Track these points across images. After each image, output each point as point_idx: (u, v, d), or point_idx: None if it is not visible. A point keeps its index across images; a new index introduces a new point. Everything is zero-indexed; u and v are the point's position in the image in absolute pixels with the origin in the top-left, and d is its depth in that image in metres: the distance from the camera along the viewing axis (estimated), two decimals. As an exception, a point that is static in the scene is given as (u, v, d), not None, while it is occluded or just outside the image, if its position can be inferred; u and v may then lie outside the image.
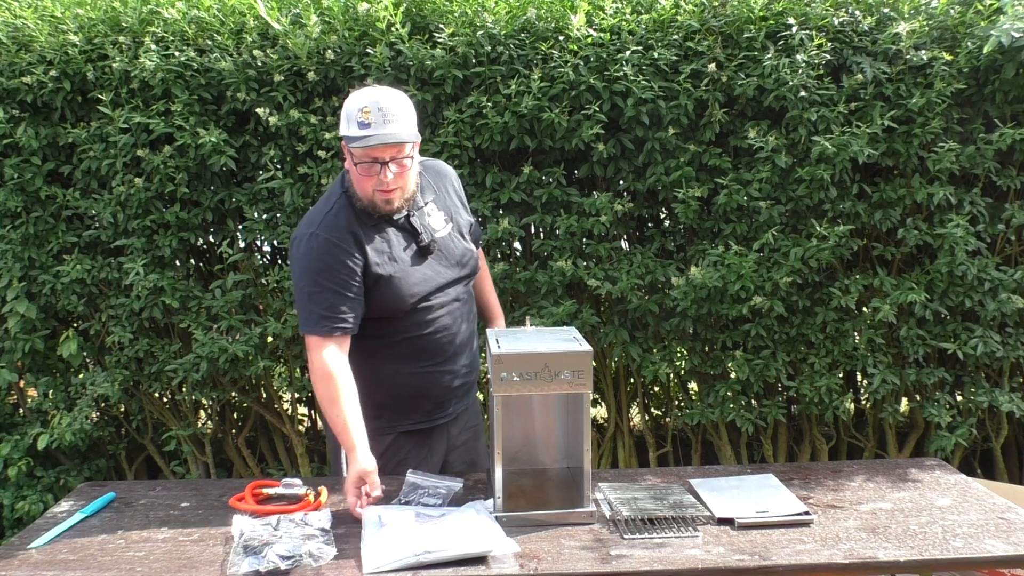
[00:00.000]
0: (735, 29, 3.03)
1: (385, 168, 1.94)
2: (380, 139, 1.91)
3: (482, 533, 1.67)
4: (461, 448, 2.26)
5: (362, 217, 2.03)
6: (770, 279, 3.01)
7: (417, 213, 2.09)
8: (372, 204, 2.00)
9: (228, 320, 3.21)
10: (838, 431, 3.53)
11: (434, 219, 2.13)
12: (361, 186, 1.99)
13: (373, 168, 1.94)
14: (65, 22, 3.17)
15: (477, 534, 1.66)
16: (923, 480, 1.99)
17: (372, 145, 1.91)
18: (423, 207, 2.12)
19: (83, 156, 3.18)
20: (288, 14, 3.10)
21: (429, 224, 2.11)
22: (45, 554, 1.68)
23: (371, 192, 1.98)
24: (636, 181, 3.14)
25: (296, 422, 3.69)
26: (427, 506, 1.86)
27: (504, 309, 3.27)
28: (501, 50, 3.03)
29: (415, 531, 1.68)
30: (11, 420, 3.57)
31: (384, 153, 1.93)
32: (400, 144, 1.94)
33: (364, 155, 1.94)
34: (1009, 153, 3.04)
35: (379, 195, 1.98)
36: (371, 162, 1.94)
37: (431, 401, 2.16)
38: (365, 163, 1.94)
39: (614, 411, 3.53)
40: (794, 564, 1.56)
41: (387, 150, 1.93)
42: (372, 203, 2.00)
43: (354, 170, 1.98)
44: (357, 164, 1.96)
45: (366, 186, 1.98)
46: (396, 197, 1.99)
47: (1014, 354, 3.08)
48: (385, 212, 2.01)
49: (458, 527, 1.70)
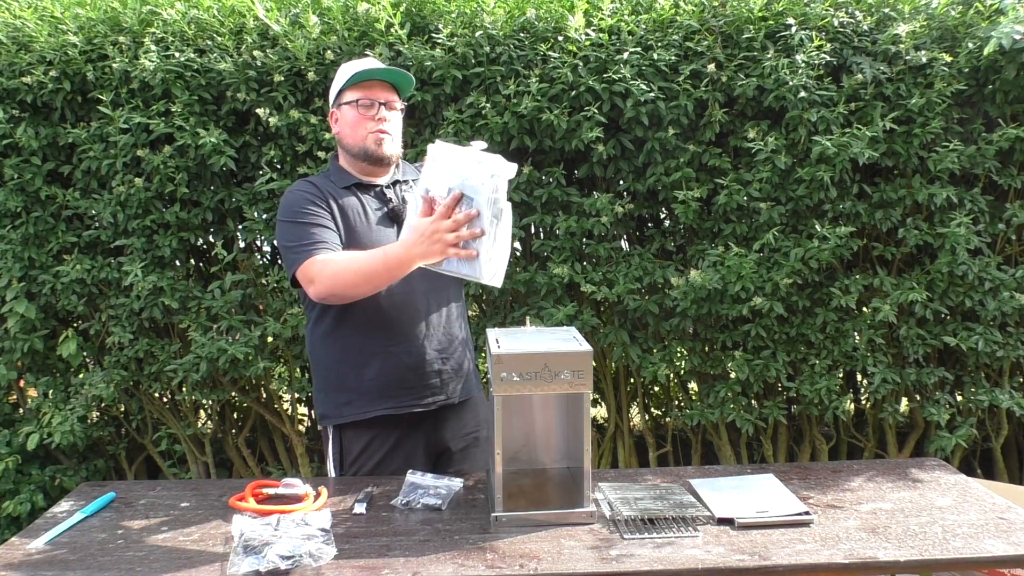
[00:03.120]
0: (735, 29, 3.03)
1: (381, 108, 2.07)
2: (382, 69, 2.09)
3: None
4: (458, 454, 2.20)
5: (336, 180, 2.11)
6: (770, 279, 3.01)
7: (394, 186, 2.16)
8: (364, 151, 2.08)
9: (228, 320, 3.21)
10: (838, 431, 3.53)
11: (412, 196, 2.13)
12: (355, 132, 2.08)
13: (371, 108, 2.06)
14: (65, 22, 3.17)
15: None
16: (923, 480, 1.99)
17: (374, 74, 2.07)
18: (403, 182, 2.18)
19: (83, 156, 3.18)
20: (288, 15, 3.11)
21: (404, 197, 2.14)
22: (45, 554, 1.68)
23: (365, 136, 2.07)
24: (636, 181, 3.14)
25: (296, 422, 3.69)
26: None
27: (504, 309, 3.28)
28: (500, 50, 3.03)
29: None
30: (10, 419, 3.57)
31: (381, 94, 2.08)
32: (396, 89, 2.11)
33: (363, 95, 2.06)
34: (1010, 153, 3.04)
35: (372, 137, 2.07)
36: (369, 103, 2.06)
37: (397, 384, 2.08)
38: (364, 103, 2.06)
39: (614, 411, 3.53)
40: (794, 564, 1.55)
41: (384, 91, 2.09)
42: (364, 149, 2.08)
43: (349, 117, 2.08)
44: (358, 102, 2.06)
45: (361, 130, 2.07)
46: (387, 141, 2.08)
47: (1014, 353, 3.08)
48: (376, 154, 2.08)
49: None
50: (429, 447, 2.17)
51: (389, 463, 2.11)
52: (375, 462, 2.11)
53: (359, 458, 2.12)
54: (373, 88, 2.08)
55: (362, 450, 2.11)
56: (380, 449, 2.11)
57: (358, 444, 2.11)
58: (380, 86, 2.10)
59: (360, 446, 2.11)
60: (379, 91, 2.09)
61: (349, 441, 2.13)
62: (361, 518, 1.82)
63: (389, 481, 2.01)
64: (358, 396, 2.10)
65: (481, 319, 3.34)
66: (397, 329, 2.08)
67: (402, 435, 2.12)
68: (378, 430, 2.11)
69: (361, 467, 2.12)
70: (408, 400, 2.10)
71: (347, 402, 2.10)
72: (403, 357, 2.09)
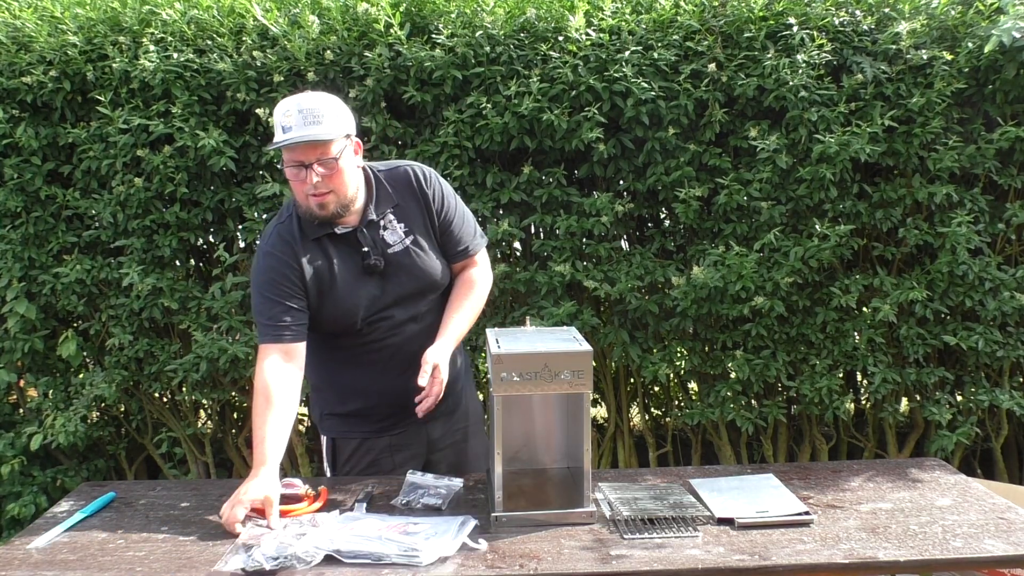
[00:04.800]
0: (735, 29, 3.03)
1: (310, 171, 1.86)
2: (296, 139, 1.83)
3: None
4: (447, 450, 2.19)
5: (307, 229, 1.97)
6: (770, 279, 3.00)
7: (368, 227, 1.99)
8: (308, 211, 1.92)
9: (228, 320, 3.20)
10: (838, 431, 3.53)
11: (391, 233, 2.01)
12: (296, 192, 1.93)
13: (300, 173, 1.87)
14: (65, 22, 3.17)
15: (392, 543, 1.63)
16: (923, 480, 1.98)
17: (288, 145, 1.85)
18: (378, 220, 2.00)
19: (83, 156, 3.18)
20: (287, 15, 3.10)
21: (382, 238, 2.00)
22: (45, 554, 1.68)
23: (305, 198, 1.90)
24: (636, 181, 3.14)
25: (296, 422, 3.69)
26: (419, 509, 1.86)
27: (504, 309, 3.28)
28: (500, 50, 3.03)
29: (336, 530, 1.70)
30: (10, 419, 3.57)
31: (306, 156, 1.85)
32: (321, 144, 1.85)
33: (288, 159, 1.87)
34: (1010, 152, 3.04)
35: (312, 200, 1.89)
36: (297, 166, 1.87)
37: (378, 417, 2.10)
38: (292, 167, 1.88)
39: (614, 411, 3.52)
40: (794, 564, 1.55)
41: (308, 152, 1.85)
42: (308, 210, 1.92)
43: (289, 176, 1.92)
44: (286, 168, 1.90)
45: (299, 192, 1.91)
46: (330, 201, 1.90)
47: (1014, 353, 3.08)
48: (321, 217, 1.93)
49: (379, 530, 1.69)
50: (419, 448, 2.17)
51: (380, 465, 2.13)
52: (366, 463, 2.13)
53: (351, 459, 2.15)
54: (295, 150, 1.86)
55: (352, 452, 2.14)
56: (370, 452, 2.13)
57: (349, 446, 2.15)
58: (304, 146, 1.86)
59: (350, 449, 2.15)
60: (303, 151, 1.86)
61: (340, 444, 2.17)
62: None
63: (389, 481, 2.01)
64: (340, 421, 2.15)
65: (481, 319, 3.33)
66: (377, 377, 2.06)
67: (392, 441, 2.14)
68: (364, 441, 2.14)
69: (353, 468, 2.15)
70: (388, 424, 2.12)
71: (330, 420, 2.16)
72: (383, 396, 2.07)
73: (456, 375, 2.14)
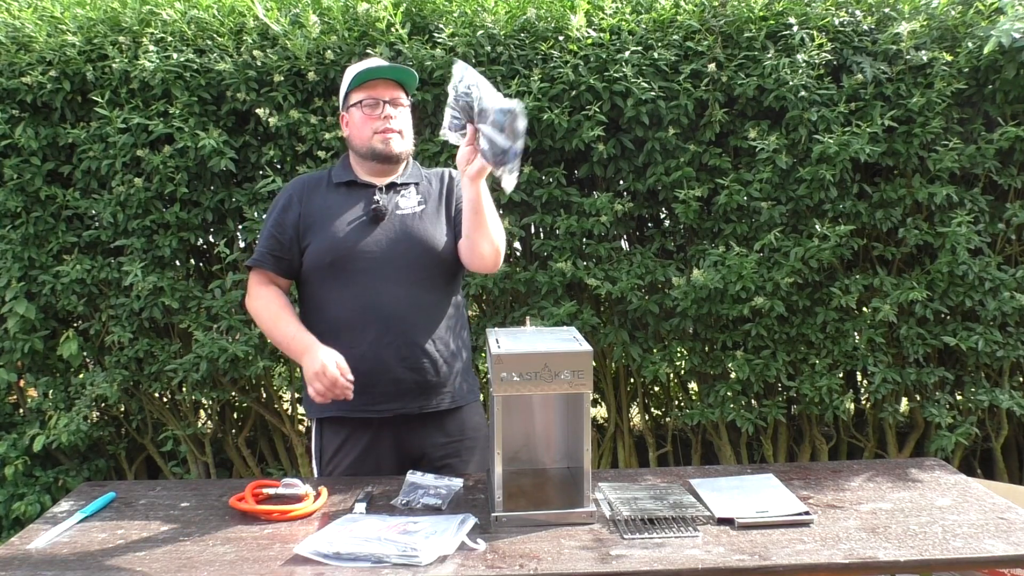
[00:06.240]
0: (735, 29, 3.03)
1: (385, 106, 2.05)
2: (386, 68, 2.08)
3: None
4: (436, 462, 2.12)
5: (335, 175, 2.13)
6: (771, 279, 3.01)
7: (388, 187, 2.12)
8: (372, 150, 2.07)
9: (228, 320, 3.20)
10: (838, 431, 3.53)
11: (405, 199, 2.12)
12: (362, 132, 2.08)
13: (376, 109, 2.05)
14: (64, 22, 3.17)
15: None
16: (923, 480, 1.99)
17: (375, 73, 2.05)
18: (400, 187, 2.13)
19: (83, 156, 3.18)
20: (288, 14, 3.10)
21: (396, 202, 2.11)
22: (45, 554, 1.68)
23: (371, 136, 2.06)
24: (636, 181, 3.14)
25: (296, 422, 3.69)
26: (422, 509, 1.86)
27: (504, 309, 3.28)
28: (501, 50, 3.03)
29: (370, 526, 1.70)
30: (11, 420, 3.57)
31: (386, 92, 2.06)
32: (401, 86, 2.10)
33: (366, 95, 2.06)
34: (1010, 152, 3.04)
35: (378, 137, 2.06)
36: (373, 102, 2.05)
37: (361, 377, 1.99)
38: (368, 104, 2.05)
39: (614, 411, 3.53)
40: (794, 564, 1.55)
41: (388, 89, 2.07)
42: (372, 149, 2.07)
43: (356, 118, 2.08)
44: (362, 103, 2.06)
45: (366, 129, 2.07)
46: (394, 138, 2.07)
47: (1014, 353, 3.08)
48: (384, 154, 2.07)
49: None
50: (402, 452, 2.11)
51: (362, 464, 2.08)
52: (350, 461, 2.09)
53: (335, 457, 2.11)
54: (377, 87, 2.07)
55: (337, 448, 2.11)
56: (354, 449, 2.09)
57: (335, 441, 2.11)
58: (384, 84, 2.08)
59: (336, 444, 2.11)
60: (383, 89, 2.07)
61: (327, 438, 2.13)
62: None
63: (389, 481, 2.01)
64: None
65: (481, 319, 3.34)
66: (356, 333, 2.03)
67: (374, 437, 2.09)
68: (351, 429, 2.09)
69: (337, 466, 2.11)
70: (360, 403, 2.01)
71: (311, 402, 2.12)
72: (359, 362, 1.98)
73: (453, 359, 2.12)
